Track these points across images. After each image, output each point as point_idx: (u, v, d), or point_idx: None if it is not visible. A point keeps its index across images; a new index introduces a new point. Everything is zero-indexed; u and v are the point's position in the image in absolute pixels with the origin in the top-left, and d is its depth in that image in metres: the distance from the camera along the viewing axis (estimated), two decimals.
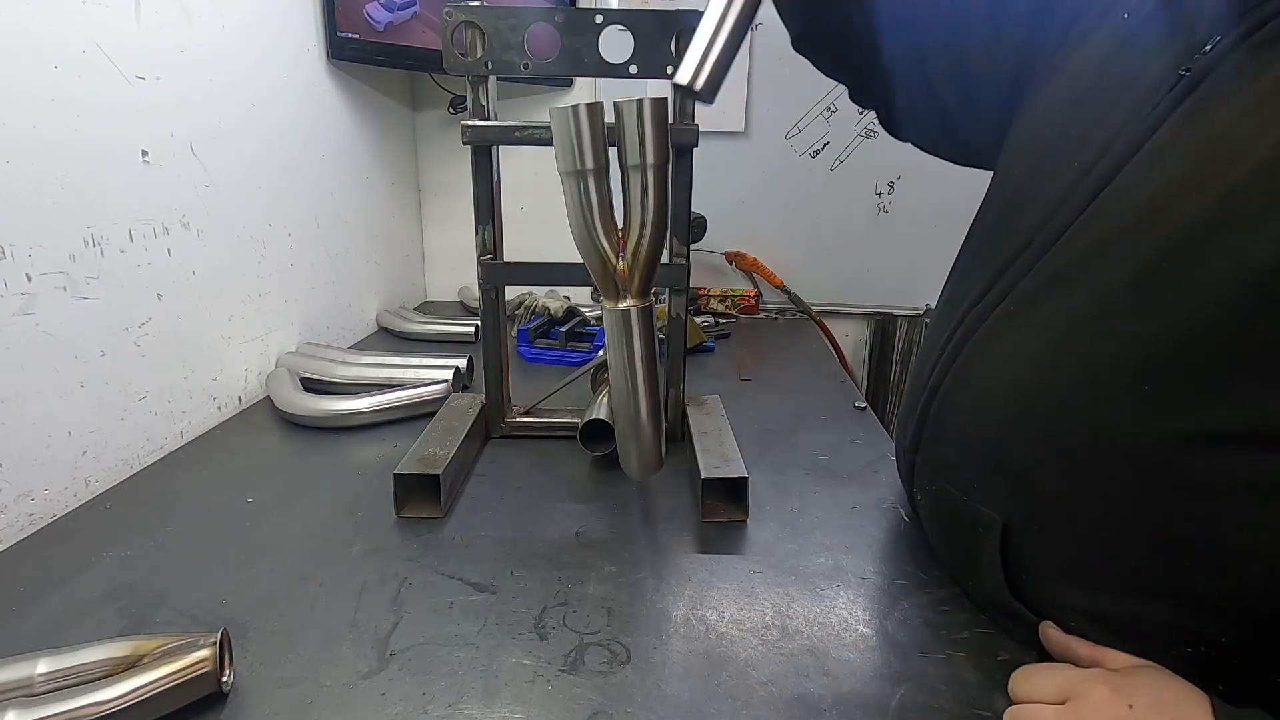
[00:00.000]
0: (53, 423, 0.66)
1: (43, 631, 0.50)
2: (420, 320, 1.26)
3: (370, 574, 0.57)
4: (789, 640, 0.51)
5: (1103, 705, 0.40)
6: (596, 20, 0.68)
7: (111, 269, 0.71)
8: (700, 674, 0.47)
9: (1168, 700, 0.39)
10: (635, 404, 0.60)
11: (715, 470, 0.66)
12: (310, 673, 0.47)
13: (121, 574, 0.57)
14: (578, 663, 0.48)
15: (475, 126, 0.70)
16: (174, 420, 0.81)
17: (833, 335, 1.43)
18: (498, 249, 0.75)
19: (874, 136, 1.40)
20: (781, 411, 0.93)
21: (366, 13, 1.14)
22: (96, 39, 0.68)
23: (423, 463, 0.67)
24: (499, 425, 0.82)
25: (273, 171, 0.98)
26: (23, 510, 0.63)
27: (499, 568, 0.58)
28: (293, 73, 1.03)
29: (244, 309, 0.93)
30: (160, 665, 0.42)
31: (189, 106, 0.81)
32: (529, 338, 1.14)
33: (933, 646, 0.50)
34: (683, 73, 0.50)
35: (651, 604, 0.54)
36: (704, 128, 0.71)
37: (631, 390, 0.60)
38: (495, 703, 0.44)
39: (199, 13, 0.82)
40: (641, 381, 0.60)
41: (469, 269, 0.79)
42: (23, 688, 0.41)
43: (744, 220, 1.45)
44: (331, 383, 0.94)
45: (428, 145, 1.48)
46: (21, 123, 0.61)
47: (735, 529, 0.65)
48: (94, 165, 0.69)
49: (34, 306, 0.63)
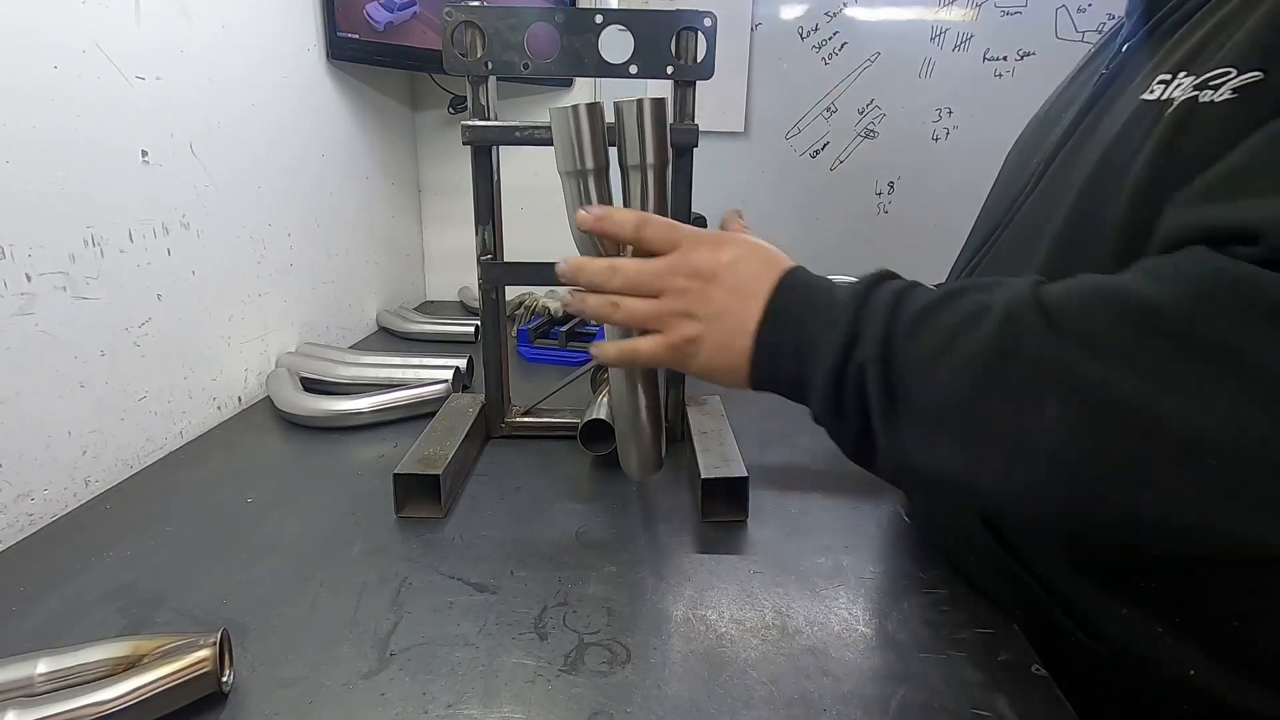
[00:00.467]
0: (52, 423, 0.66)
1: (43, 631, 0.50)
2: (420, 320, 1.26)
3: (370, 574, 0.57)
4: (789, 640, 0.51)
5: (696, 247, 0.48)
6: (596, 20, 0.68)
7: (111, 269, 0.71)
8: (700, 674, 0.47)
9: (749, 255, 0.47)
10: (635, 404, 0.60)
11: (715, 470, 0.66)
12: (310, 673, 0.47)
13: (121, 574, 0.57)
14: (578, 663, 0.48)
15: (475, 126, 0.70)
16: (174, 420, 0.81)
17: None
18: (498, 249, 0.75)
19: (874, 136, 1.41)
20: (781, 411, 0.92)
21: (366, 13, 1.14)
22: (96, 39, 0.68)
23: (423, 463, 0.67)
24: (499, 425, 0.82)
25: (273, 171, 0.98)
26: (23, 510, 0.63)
27: (499, 568, 0.58)
28: (293, 73, 1.03)
29: (244, 309, 0.93)
30: (160, 665, 0.42)
31: (189, 106, 0.81)
32: (529, 338, 1.14)
33: (933, 646, 0.50)
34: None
35: (651, 604, 0.54)
36: (704, 128, 0.71)
37: (631, 390, 0.60)
38: (495, 703, 0.44)
39: (199, 13, 0.82)
40: (641, 381, 0.60)
41: (469, 269, 0.79)
42: (23, 688, 0.41)
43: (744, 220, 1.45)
44: (331, 383, 0.94)
45: (428, 145, 1.48)
46: (21, 123, 0.61)
47: (735, 529, 0.65)
48: (94, 165, 0.69)
49: (34, 306, 0.63)
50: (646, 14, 0.68)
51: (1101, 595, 0.46)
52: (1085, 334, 0.34)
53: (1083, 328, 0.34)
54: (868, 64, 1.37)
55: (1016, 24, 1.35)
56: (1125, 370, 0.33)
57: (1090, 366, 0.33)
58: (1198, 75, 0.41)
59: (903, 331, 0.39)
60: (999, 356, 0.35)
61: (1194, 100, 0.41)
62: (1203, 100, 0.40)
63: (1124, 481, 0.33)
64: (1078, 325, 0.34)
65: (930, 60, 1.37)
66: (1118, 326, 0.33)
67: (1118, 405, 0.33)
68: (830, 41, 1.36)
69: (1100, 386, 0.33)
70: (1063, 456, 0.34)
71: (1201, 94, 0.41)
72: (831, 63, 1.37)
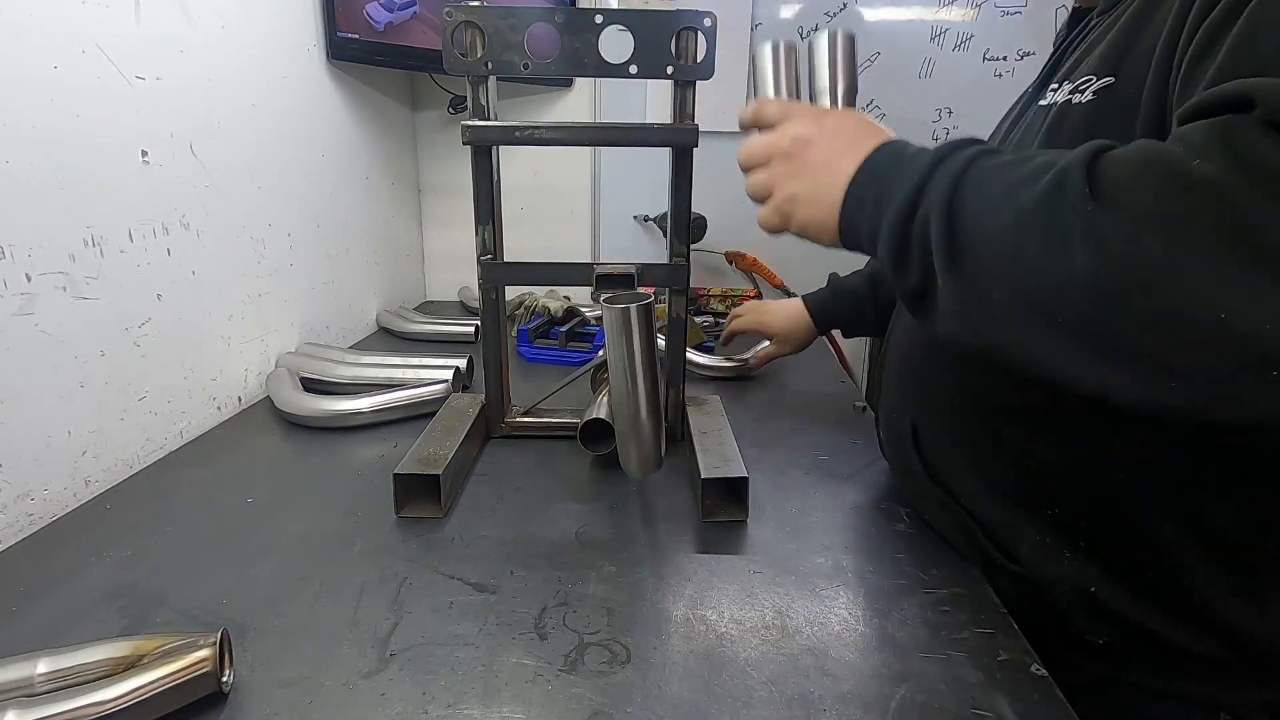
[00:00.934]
0: (53, 423, 0.66)
1: (43, 631, 0.50)
2: (420, 320, 1.26)
3: (370, 574, 0.57)
4: (789, 640, 0.51)
5: (801, 118, 0.52)
6: (596, 20, 0.68)
7: (111, 269, 0.71)
8: (700, 674, 0.47)
9: (849, 125, 0.51)
10: (635, 404, 0.60)
11: (715, 470, 0.66)
12: (310, 673, 0.47)
13: (121, 574, 0.57)
14: (578, 663, 0.48)
15: (475, 126, 0.70)
16: (174, 420, 0.81)
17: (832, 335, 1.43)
18: (498, 249, 0.75)
19: None
20: (781, 411, 0.93)
21: (366, 13, 1.14)
22: (96, 39, 0.68)
23: (423, 463, 0.67)
24: (499, 425, 0.82)
25: (272, 171, 0.98)
26: (23, 510, 0.63)
27: (499, 568, 0.58)
28: (293, 73, 1.03)
29: (244, 309, 0.93)
30: (160, 665, 0.42)
31: (189, 106, 0.81)
32: (529, 338, 1.14)
33: (933, 646, 0.50)
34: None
35: (651, 604, 0.54)
36: (704, 128, 0.71)
37: (631, 390, 0.60)
38: (495, 703, 0.44)
39: (199, 13, 0.82)
40: (641, 381, 0.60)
41: (469, 269, 0.79)
42: (23, 688, 0.41)
43: (744, 220, 1.45)
44: (331, 383, 0.94)
45: (428, 145, 1.48)
46: (22, 122, 0.61)
47: (735, 529, 0.65)
48: (94, 165, 0.69)
49: (34, 306, 0.63)
50: (646, 14, 0.68)
51: (1015, 521, 0.55)
52: (1120, 203, 0.35)
53: (1121, 199, 0.35)
54: (868, 64, 1.37)
55: (1016, 24, 1.35)
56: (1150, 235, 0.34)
57: (1117, 229, 0.35)
58: (1073, 83, 0.51)
59: (970, 185, 0.41)
60: (1042, 211, 0.37)
61: (1068, 102, 0.51)
62: (1074, 102, 0.50)
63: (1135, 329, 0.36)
64: (1118, 196, 0.35)
65: (930, 60, 1.37)
66: (1163, 198, 0.34)
67: (1140, 263, 0.34)
68: None
69: (1125, 243, 0.34)
70: (1089, 297, 0.36)
71: (1073, 97, 0.50)
72: None
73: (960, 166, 0.42)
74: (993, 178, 0.41)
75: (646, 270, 0.73)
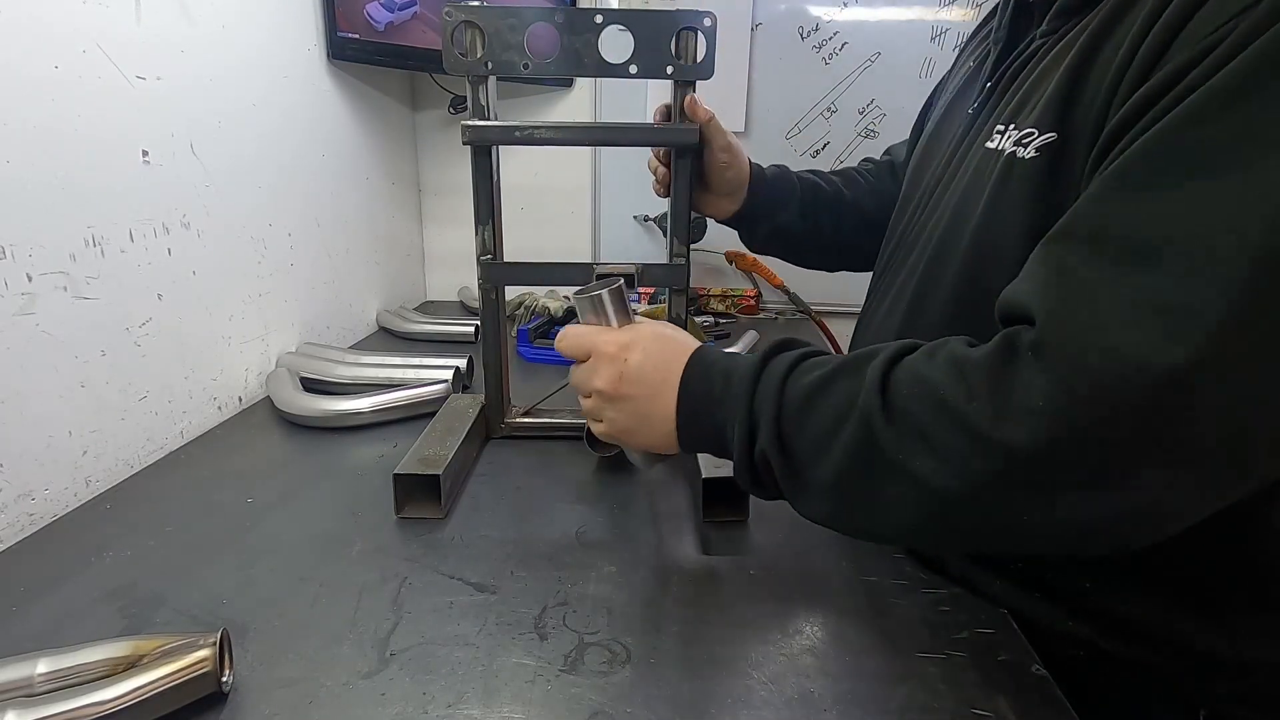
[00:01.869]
0: (53, 422, 0.66)
1: (43, 631, 0.50)
2: (420, 320, 1.26)
3: (370, 574, 0.57)
4: (789, 640, 0.51)
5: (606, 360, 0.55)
6: (596, 20, 0.68)
7: (112, 269, 0.71)
8: (700, 674, 0.47)
9: (653, 350, 0.54)
10: None
11: (716, 470, 0.66)
12: (310, 673, 0.47)
13: (121, 574, 0.57)
14: (578, 663, 0.48)
15: (475, 126, 0.70)
16: (174, 420, 0.81)
17: (833, 335, 1.43)
18: (498, 249, 0.75)
19: (874, 136, 1.40)
20: None
21: (366, 12, 1.14)
22: (97, 39, 0.68)
23: (423, 463, 0.67)
24: (499, 425, 0.82)
25: (273, 171, 0.98)
26: (23, 510, 0.63)
27: (499, 568, 0.58)
28: (293, 73, 1.03)
29: (244, 309, 0.93)
30: (160, 665, 0.42)
31: (189, 106, 0.81)
32: (529, 338, 1.14)
33: (933, 646, 0.50)
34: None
35: (651, 604, 0.54)
36: None
37: None
38: (495, 703, 0.44)
39: (199, 12, 0.82)
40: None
41: (469, 269, 0.79)
42: (23, 688, 0.41)
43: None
44: (331, 383, 0.94)
45: (428, 145, 1.48)
46: (22, 122, 0.61)
47: (736, 529, 0.65)
48: (94, 165, 0.69)
49: (34, 306, 0.63)
50: (646, 14, 0.68)
51: None
52: (911, 431, 0.42)
53: (909, 424, 0.42)
54: (868, 64, 1.37)
55: None
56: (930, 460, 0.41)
57: (914, 461, 0.42)
58: (1019, 129, 0.50)
59: (790, 420, 0.47)
60: (858, 453, 0.44)
61: (1014, 155, 0.49)
62: (1019, 156, 0.49)
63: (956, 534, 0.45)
64: (907, 422, 0.42)
65: (930, 60, 1.37)
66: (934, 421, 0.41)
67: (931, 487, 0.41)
68: (830, 41, 1.36)
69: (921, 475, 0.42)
70: (906, 520, 0.44)
71: (1018, 150, 0.49)
72: (832, 63, 1.37)
73: (774, 401, 0.47)
74: (808, 414, 0.46)
75: (646, 270, 0.73)
